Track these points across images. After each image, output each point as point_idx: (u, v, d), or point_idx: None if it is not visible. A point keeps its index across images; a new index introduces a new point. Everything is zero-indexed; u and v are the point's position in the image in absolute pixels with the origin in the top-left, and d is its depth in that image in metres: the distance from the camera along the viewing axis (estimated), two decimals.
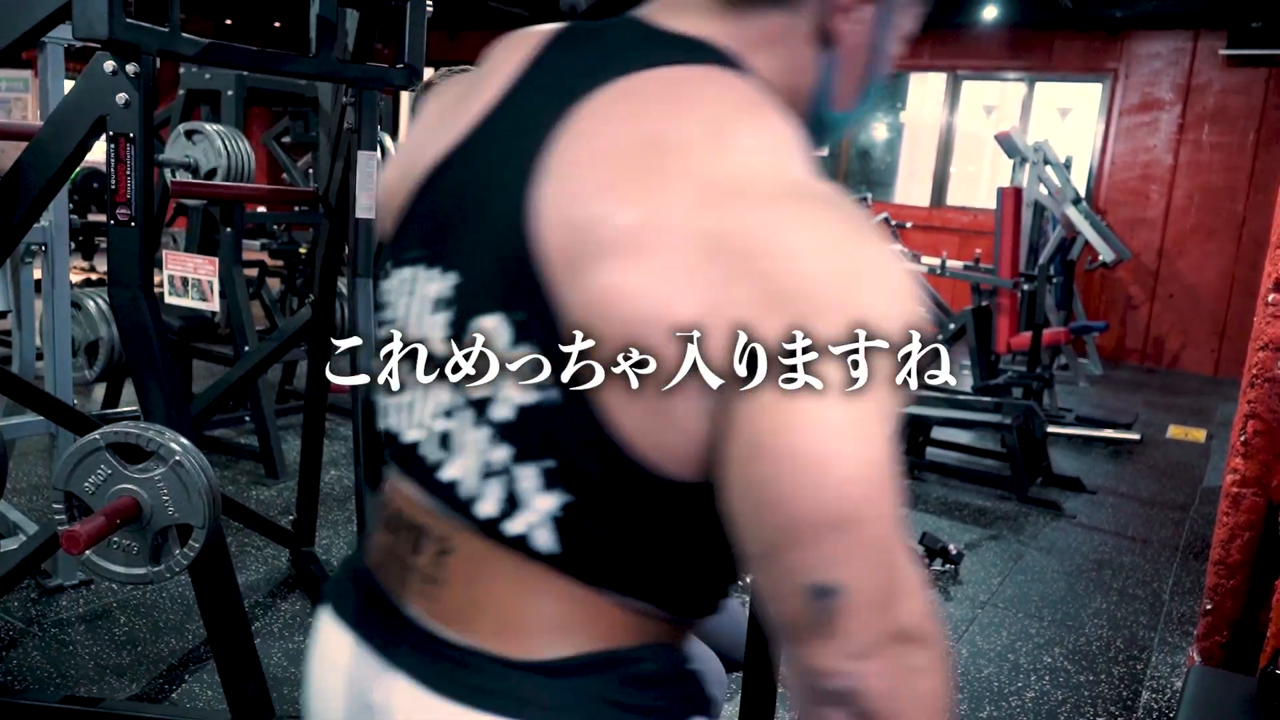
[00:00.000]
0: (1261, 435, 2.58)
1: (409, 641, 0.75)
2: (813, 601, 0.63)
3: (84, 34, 1.81)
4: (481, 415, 0.71)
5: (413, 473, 0.78)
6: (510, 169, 0.71)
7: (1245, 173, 8.33)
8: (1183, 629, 3.33)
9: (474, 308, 0.71)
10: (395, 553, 0.79)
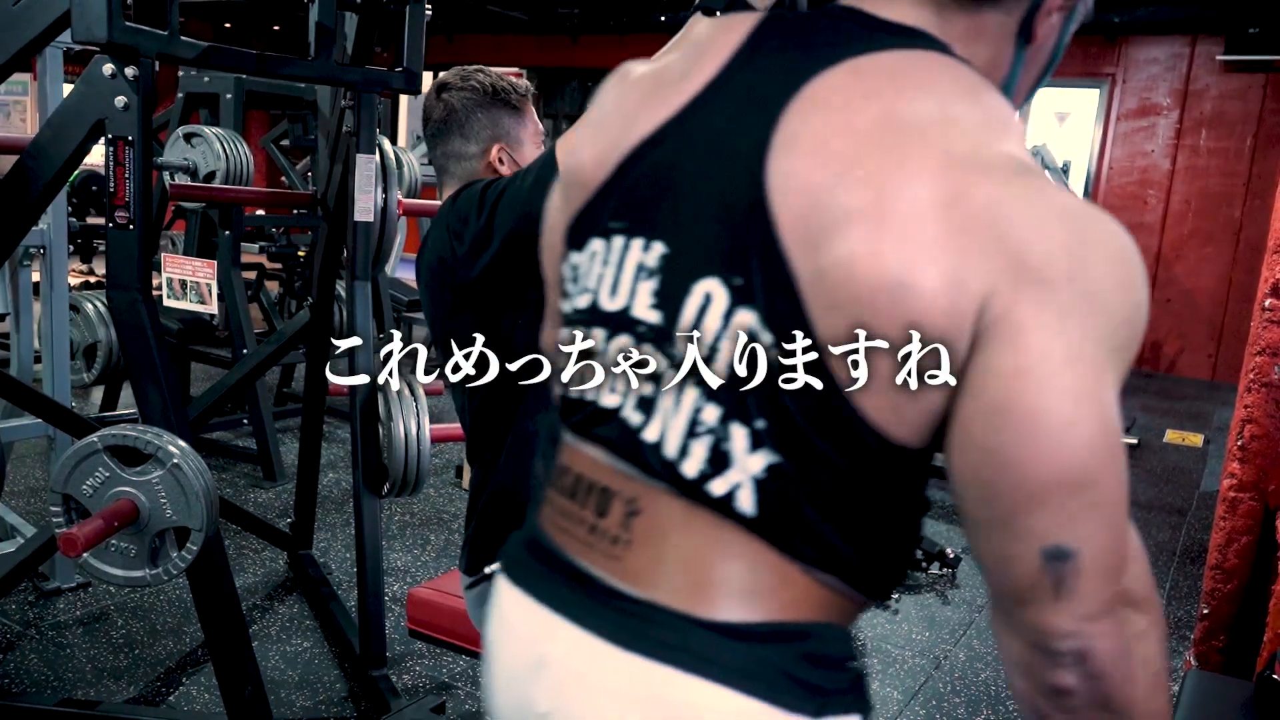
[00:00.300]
0: (1259, 440, 2.59)
1: (591, 599, 0.77)
2: (1047, 564, 0.65)
3: (83, 37, 1.81)
4: (692, 376, 0.72)
5: (602, 437, 0.79)
6: (739, 142, 0.73)
7: (1243, 178, 8.34)
8: (1179, 633, 3.33)
9: (689, 274, 0.73)
10: (577, 516, 0.80)
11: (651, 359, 0.75)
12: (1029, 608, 0.68)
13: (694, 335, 0.72)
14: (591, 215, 0.82)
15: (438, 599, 1.79)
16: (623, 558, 0.76)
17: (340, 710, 2.51)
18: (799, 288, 0.68)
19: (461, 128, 1.66)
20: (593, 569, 0.78)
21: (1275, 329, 2.54)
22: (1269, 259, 2.56)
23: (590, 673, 0.76)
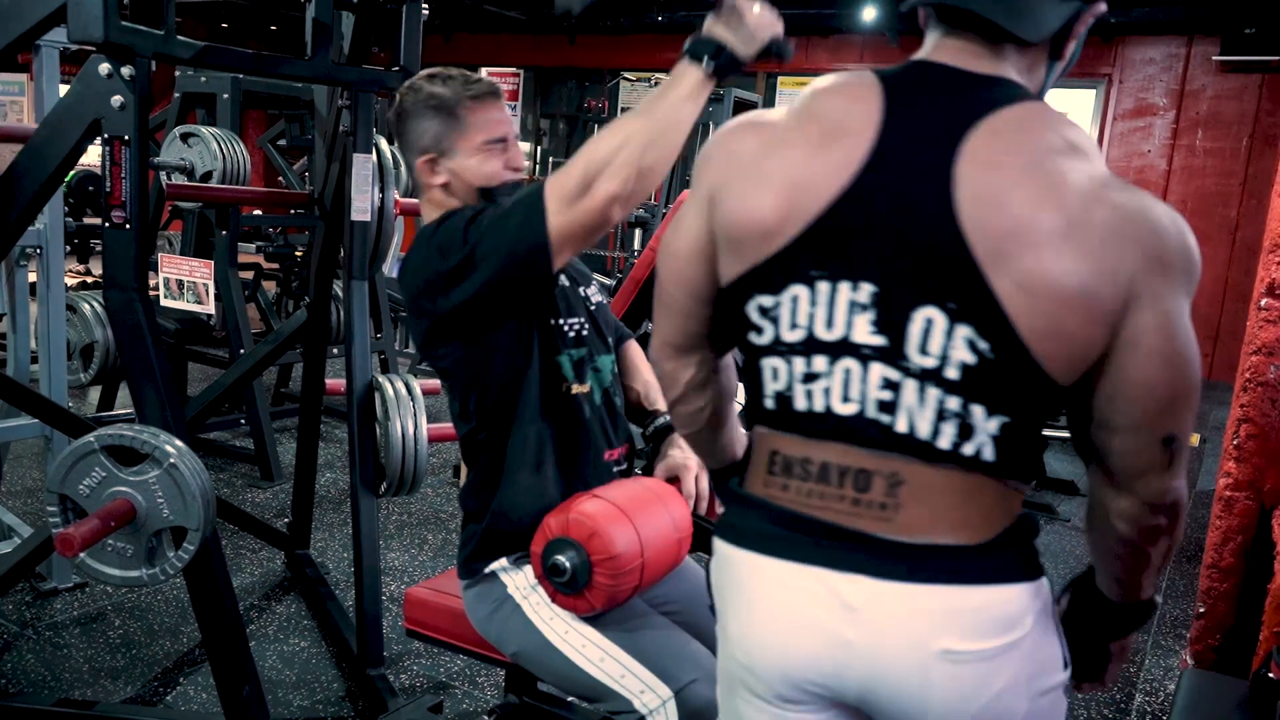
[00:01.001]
0: (1254, 439, 2.59)
1: (871, 553, 1.00)
2: (1165, 448, 1.00)
3: (79, 37, 1.81)
4: (931, 379, 0.98)
5: (846, 435, 1.02)
6: (925, 194, 0.96)
7: (1239, 178, 8.35)
8: (1175, 632, 3.34)
9: (906, 304, 0.97)
10: (835, 494, 1.03)
11: (886, 372, 0.99)
12: (1148, 477, 1.01)
13: (927, 350, 0.97)
14: (785, 264, 1.02)
15: (435, 598, 1.79)
16: (893, 518, 1.00)
17: (338, 710, 2.51)
18: (1001, 302, 0.94)
19: (403, 136, 1.65)
20: (868, 530, 1.01)
21: (1271, 328, 2.54)
22: (1265, 258, 2.56)
23: (897, 606, 0.99)
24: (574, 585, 1.46)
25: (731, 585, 1.10)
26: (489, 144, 1.60)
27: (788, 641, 1.04)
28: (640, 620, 1.57)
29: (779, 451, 1.07)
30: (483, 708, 2.54)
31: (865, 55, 10.33)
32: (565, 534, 1.47)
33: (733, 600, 1.09)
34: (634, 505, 1.51)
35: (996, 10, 1.00)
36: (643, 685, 1.48)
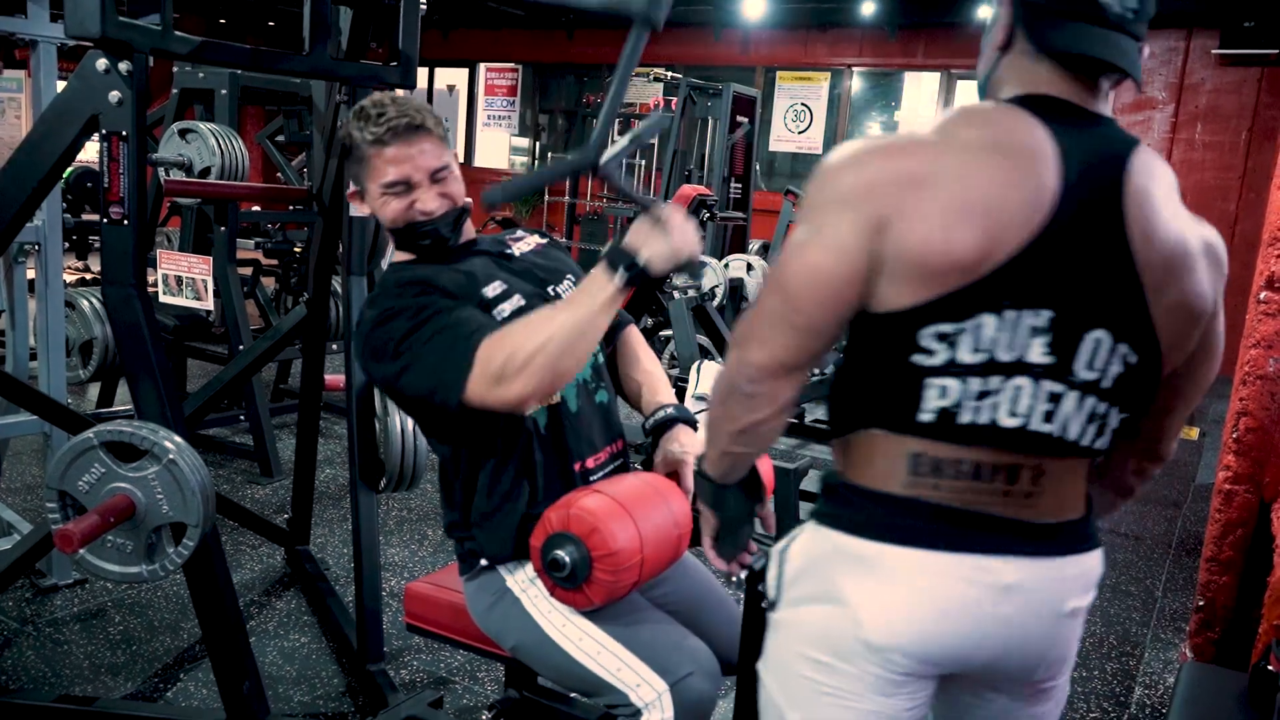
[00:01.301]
0: (1254, 433, 2.59)
1: (1019, 536, 1.14)
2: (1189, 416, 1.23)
3: (76, 32, 1.81)
4: (1090, 390, 1.12)
5: (1002, 442, 1.12)
6: (1104, 226, 1.08)
7: (1238, 172, 8.35)
8: (1175, 625, 3.34)
9: (1079, 327, 1.09)
10: (987, 489, 1.14)
11: (1053, 386, 1.10)
12: (1170, 442, 1.30)
13: (1093, 366, 1.11)
14: (978, 295, 1.06)
15: (435, 593, 1.79)
16: (1036, 504, 1.14)
17: (338, 705, 2.51)
18: (1155, 323, 1.11)
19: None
20: (1017, 516, 1.14)
21: (1270, 321, 2.54)
22: (1264, 252, 2.56)
23: (1046, 578, 1.15)
24: (573, 580, 1.46)
25: (867, 576, 1.14)
26: (386, 188, 1.61)
27: (938, 625, 1.13)
28: (637, 614, 1.57)
29: (924, 454, 1.13)
30: (483, 703, 2.54)
31: (864, 50, 10.33)
32: (566, 529, 1.47)
33: (870, 590, 1.14)
34: (634, 500, 1.51)
35: (1125, 61, 1.11)
36: (639, 679, 1.48)
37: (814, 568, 1.19)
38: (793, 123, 10.69)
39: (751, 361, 1.14)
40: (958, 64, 9.75)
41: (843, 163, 1.10)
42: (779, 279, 1.13)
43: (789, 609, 1.22)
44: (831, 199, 1.09)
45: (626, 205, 8.49)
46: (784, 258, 1.13)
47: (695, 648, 1.55)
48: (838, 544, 1.16)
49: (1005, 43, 1.14)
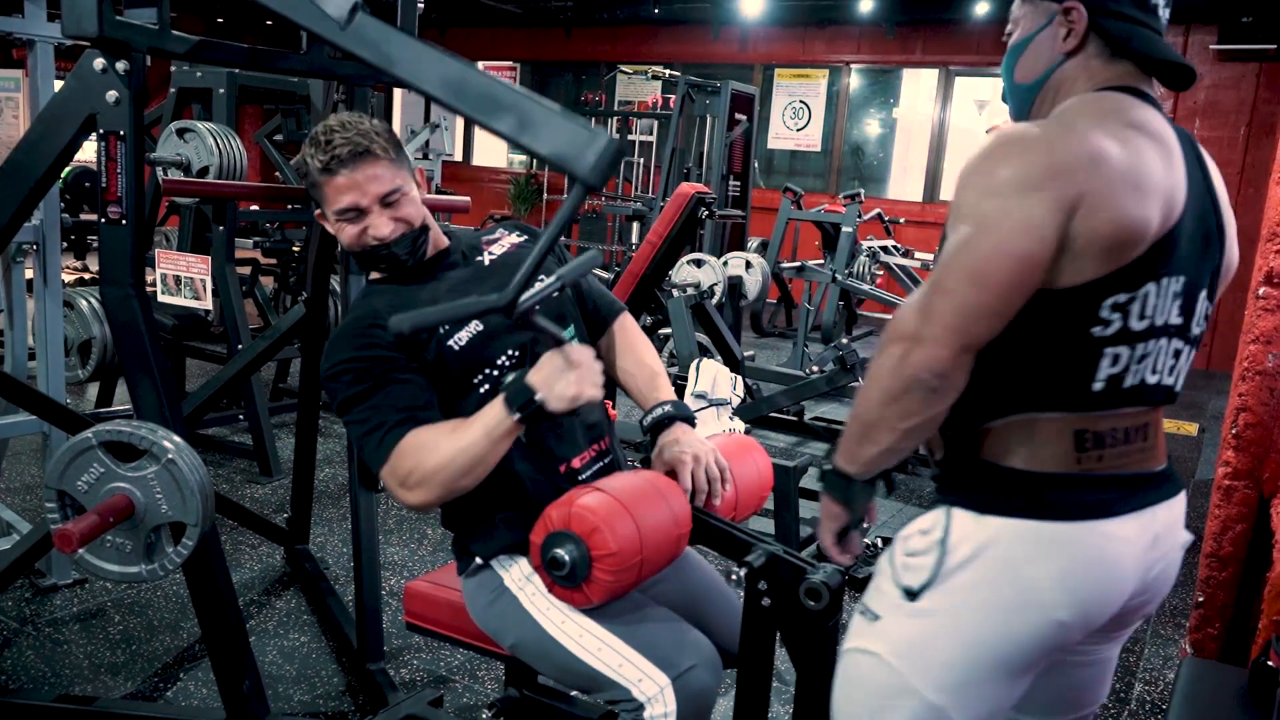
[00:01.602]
0: (1253, 428, 2.59)
1: (1158, 483, 1.30)
2: None
3: (73, 32, 1.80)
4: (1194, 343, 1.30)
5: (1141, 399, 1.26)
6: (1209, 200, 1.28)
7: (1236, 167, 8.35)
8: (1175, 621, 3.34)
9: (1197, 290, 1.26)
10: (1136, 447, 1.28)
11: (1179, 345, 1.27)
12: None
13: (1200, 322, 1.29)
14: (1147, 265, 1.18)
15: (435, 592, 1.79)
16: (1155, 454, 1.30)
17: (338, 704, 2.51)
18: (1219, 280, 1.33)
19: None
20: (1151, 468, 1.30)
21: (1269, 317, 2.54)
22: (1263, 247, 2.56)
23: (1174, 518, 1.32)
24: (573, 579, 1.46)
25: (1058, 556, 1.21)
26: (338, 215, 1.63)
27: (1119, 587, 1.25)
28: (638, 610, 1.57)
29: (1087, 430, 1.24)
30: (483, 701, 2.54)
31: (862, 47, 10.32)
32: (566, 527, 1.46)
33: (1062, 569, 1.21)
34: (635, 499, 1.50)
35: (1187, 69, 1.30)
36: (641, 674, 1.48)
37: (987, 555, 1.22)
38: (791, 120, 10.68)
39: (940, 354, 1.15)
40: (956, 60, 9.74)
41: (1012, 151, 1.16)
42: (969, 268, 1.14)
43: (948, 595, 1.23)
44: (1012, 185, 1.14)
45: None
46: (968, 247, 1.15)
47: (697, 641, 1.55)
48: (1016, 530, 1.22)
49: (1078, 47, 1.28)
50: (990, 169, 1.16)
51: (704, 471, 1.62)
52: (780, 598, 1.46)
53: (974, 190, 1.16)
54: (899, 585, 1.27)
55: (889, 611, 1.28)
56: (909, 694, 1.25)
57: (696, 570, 1.78)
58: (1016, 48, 1.34)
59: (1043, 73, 1.30)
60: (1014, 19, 1.36)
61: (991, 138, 1.20)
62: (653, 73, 9.18)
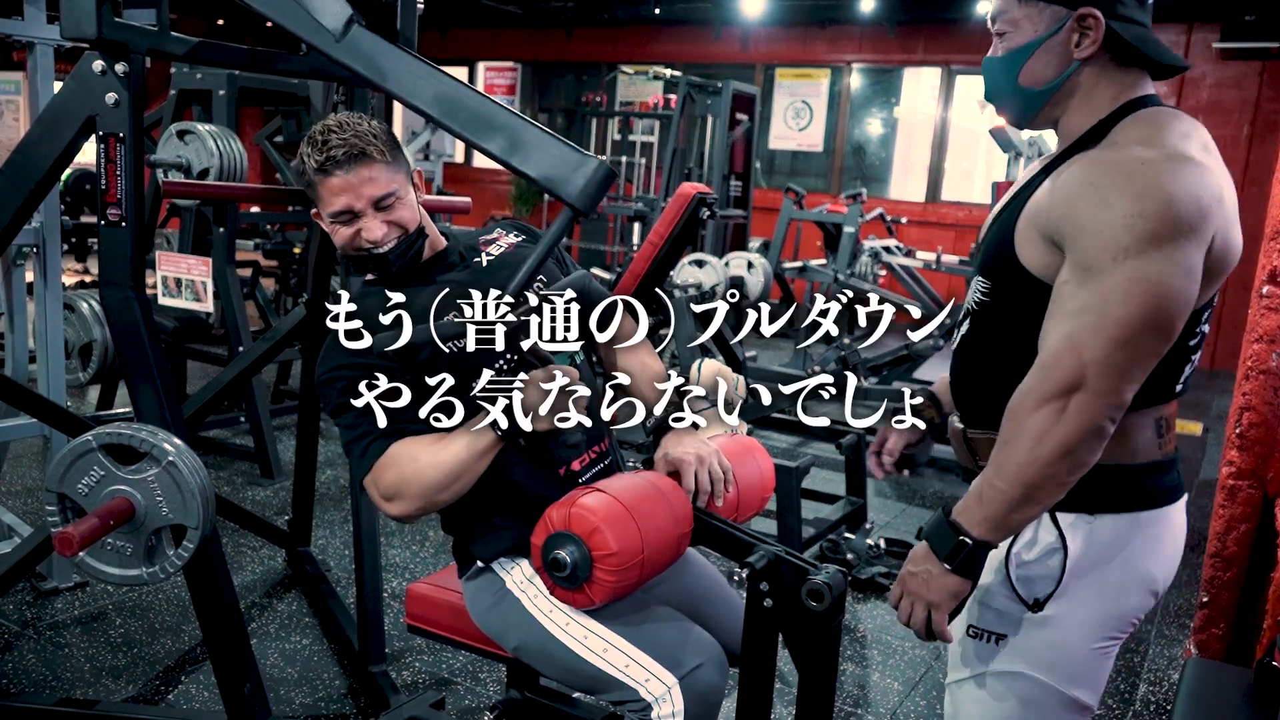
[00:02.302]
0: (1257, 428, 2.58)
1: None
2: None
3: (72, 34, 1.80)
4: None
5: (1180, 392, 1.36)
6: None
7: (1240, 166, 8.33)
8: (1179, 622, 3.33)
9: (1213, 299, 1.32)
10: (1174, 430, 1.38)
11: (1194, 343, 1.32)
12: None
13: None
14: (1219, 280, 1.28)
15: (436, 594, 1.78)
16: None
17: (340, 707, 2.51)
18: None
19: None
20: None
21: (1273, 316, 2.53)
22: (1266, 246, 2.55)
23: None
24: (574, 580, 1.46)
25: (1151, 539, 1.35)
26: (332, 217, 1.62)
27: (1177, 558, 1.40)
28: (641, 610, 1.57)
29: (1163, 417, 1.34)
30: (485, 703, 2.53)
31: (864, 47, 10.31)
32: (567, 528, 1.46)
33: (1154, 550, 1.36)
34: (636, 500, 1.50)
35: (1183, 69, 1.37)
36: (647, 674, 1.47)
37: (1103, 551, 1.32)
38: (793, 120, 10.67)
39: (1118, 401, 1.21)
40: (957, 59, 9.73)
41: (1186, 182, 1.19)
42: (1151, 320, 1.18)
43: (1071, 597, 1.33)
44: (1175, 227, 1.17)
45: (629, 205, 8.47)
46: (1130, 290, 1.17)
47: (702, 639, 1.55)
48: (1125, 522, 1.33)
49: (1093, 55, 1.28)
50: (1139, 208, 1.17)
51: (707, 472, 1.61)
52: (782, 599, 1.45)
53: (1134, 234, 1.16)
54: (1023, 600, 1.33)
55: (1015, 628, 1.35)
56: (1056, 697, 1.34)
57: (698, 570, 1.77)
58: (1022, 51, 1.31)
59: (1055, 78, 1.30)
60: (1008, 19, 1.31)
61: (1130, 164, 1.20)
62: (654, 73, 9.17)
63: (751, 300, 6.33)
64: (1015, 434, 1.23)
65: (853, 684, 2.80)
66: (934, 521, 1.31)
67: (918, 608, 1.32)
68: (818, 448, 4.97)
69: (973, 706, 1.40)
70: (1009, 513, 1.24)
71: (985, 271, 1.36)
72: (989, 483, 1.25)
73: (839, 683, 2.78)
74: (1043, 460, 1.20)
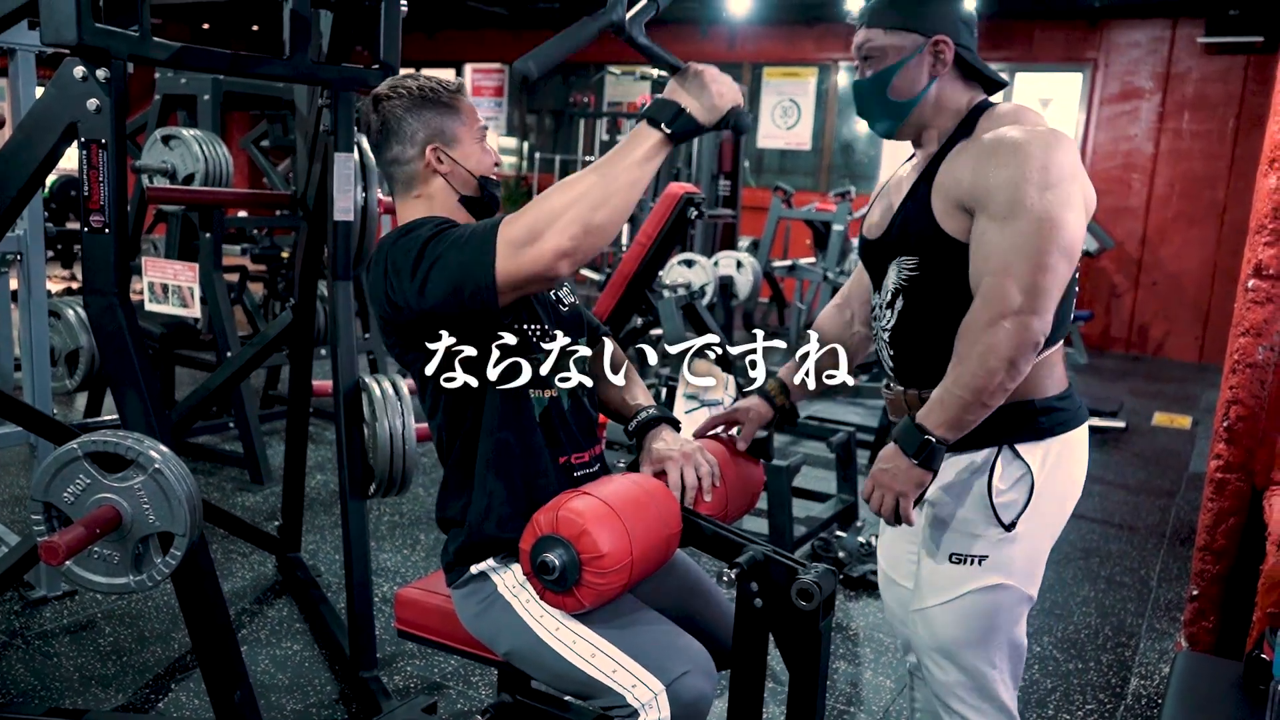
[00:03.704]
0: (1244, 421, 2.59)
1: None
2: None
3: (52, 39, 1.79)
4: None
5: None
6: None
7: (1225, 160, 8.37)
8: (1170, 615, 3.34)
9: None
10: None
11: None
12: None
13: None
14: None
15: (426, 599, 1.78)
16: None
17: (331, 713, 2.50)
18: None
19: (396, 134, 1.65)
20: None
21: (1259, 309, 2.54)
22: (1251, 239, 2.56)
23: None
24: (563, 584, 1.45)
25: (1078, 451, 1.66)
26: (477, 130, 1.67)
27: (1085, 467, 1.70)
28: (630, 615, 1.56)
29: (1064, 354, 1.66)
30: (477, 707, 2.53)
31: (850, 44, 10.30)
32: (555, 531, 1.45)
33: (1079, 460, 1.67)
34: (623, 502, 1.49)
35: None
36: (635, 680, 1.47)
37: (1053, 469, 1.61)
38: (780, 119, 10.68)
39: (1048, 320, 1.48)
40: None
41: (1048, 149, 1.48)
42: (1061, 244, 1.46)
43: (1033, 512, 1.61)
44: (1064, 176, 1.47)
45: None
46: (1055, 227, 1.46)
47: (690, 646, 1.54)
48: (1063, 442, 1.62)
49: (941, 74, 1.61)
50: (1041, 161, 1.47)
51: (693, 469, 1.62)
52: (772, 599, 1.45)
53: (1032, 185, 1.46)
54: (998, 524, 1.60)
55: (994, 548, 1.61)
56: (1019, 596, 1.63)
57: (687, 572, 1.77)
58: (889, 71, 1.61)
59: (918, 91, 1.61)
60: (874, 47, 1.62)
61: (1014, 137, 1.50)
62: (641, 73, 9.18)
63: (741, 299, 6.34)
64: (969, 352, 1.49)
65: (845, 682, 2.81)
66: (903, 427, 1.56)
67: (888, 497, 1.57)
68: (808, 446, 4.98)
69: (951, 619, 1.65)
70: (963, 414, 1.51)
71: (909, 250, 1.62)
72: (948, 391, 1.51)
73: (831, 681, 2.79)
74: (990, 370, 1.47)
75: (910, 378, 1.67)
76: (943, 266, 1.58)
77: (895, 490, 1.56)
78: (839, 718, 2.62)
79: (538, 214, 1.37)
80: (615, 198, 1.36)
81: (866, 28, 1.63)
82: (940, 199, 1.57)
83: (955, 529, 1.63)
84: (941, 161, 1.59)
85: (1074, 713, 2.69)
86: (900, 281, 1.63)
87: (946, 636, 1.66)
